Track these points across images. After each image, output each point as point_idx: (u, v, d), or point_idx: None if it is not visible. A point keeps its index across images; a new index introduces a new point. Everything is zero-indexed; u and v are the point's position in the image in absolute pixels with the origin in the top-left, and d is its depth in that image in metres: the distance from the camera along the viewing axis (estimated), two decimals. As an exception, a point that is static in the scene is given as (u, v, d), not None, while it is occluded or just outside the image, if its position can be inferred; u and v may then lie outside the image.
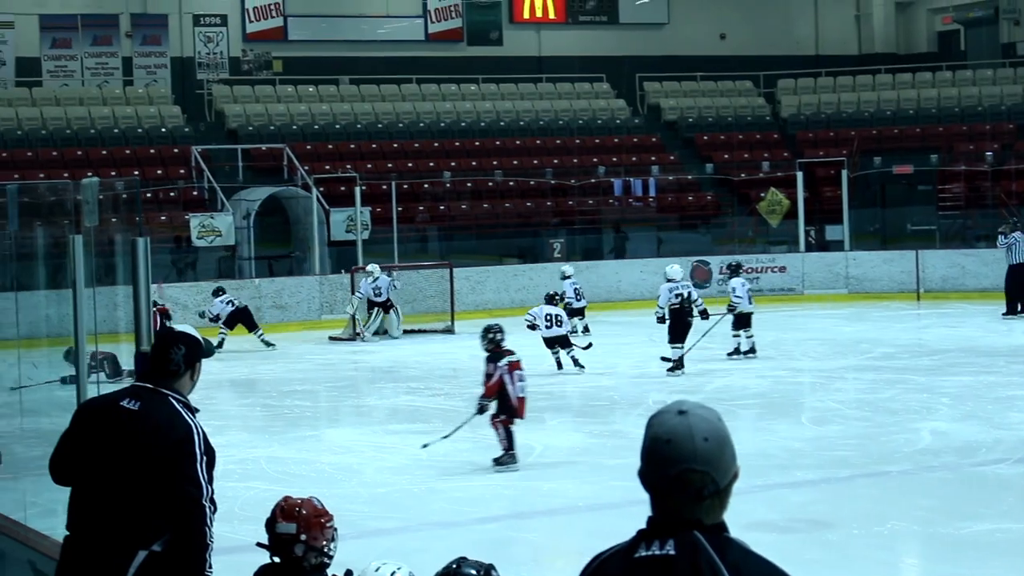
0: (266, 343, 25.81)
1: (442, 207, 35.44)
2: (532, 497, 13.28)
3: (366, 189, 32.07)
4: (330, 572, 6.25)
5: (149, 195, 31.48)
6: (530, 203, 36.21)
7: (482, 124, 39.19)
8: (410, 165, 36.63)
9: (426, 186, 35.78)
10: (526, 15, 42.68)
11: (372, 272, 27.30)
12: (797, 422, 16.98)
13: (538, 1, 42.72)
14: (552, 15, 42.98)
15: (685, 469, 3.34)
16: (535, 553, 11.94)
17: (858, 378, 20.60)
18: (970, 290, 31.22)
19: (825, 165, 36.10)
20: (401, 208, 32.51)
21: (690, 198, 37.62)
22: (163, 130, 36.08)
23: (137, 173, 32.71)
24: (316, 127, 37.72)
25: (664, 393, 19.13)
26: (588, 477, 13.91)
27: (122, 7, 38.24)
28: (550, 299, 22.93)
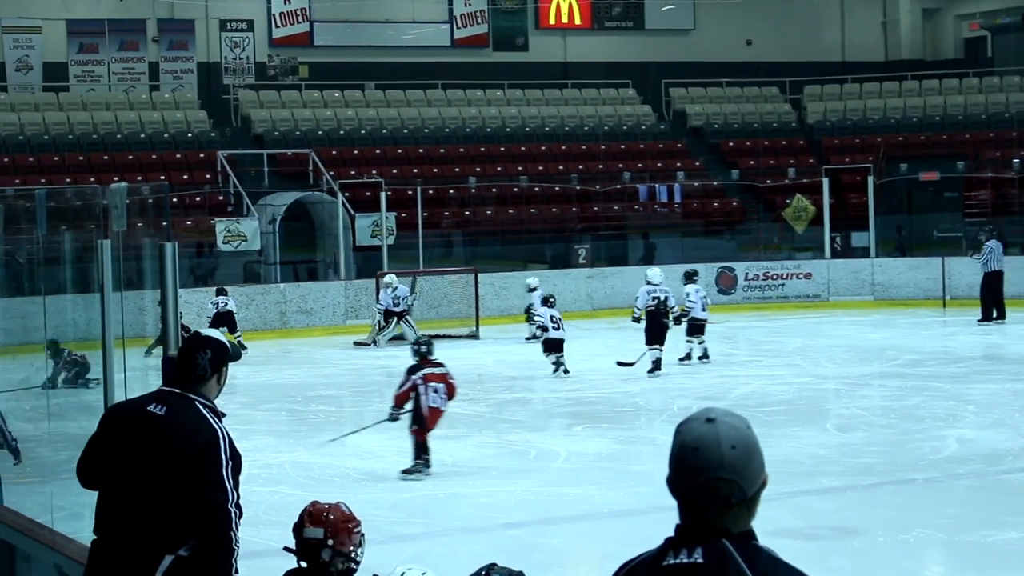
0: (241, 345, 26.00)
1: (467, 212, 35.46)
2: (557, 503, 13.27)
3: (391, 194, 32.10)
4: (356, 577, 6.26)
5: (175, 200, 31.55)
6: (555, 209, 36.21)
7: (508, 129, 39.21)
8: (436, 170, 36.66)
9: (451, 191, 35.79)
10: (552, 21, 42.68)
11: (391, 284, 27.26)
12: (823, 429, 16.93)
13: (564, 7, 42.72)
14: (578, 21, 42.97)
15: (713, 477, 3.33)
16: (560, 559, 11.93)
17: (884, 385, 20.54)
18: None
19: (851, 171, 36.00)
20: (426, 213, 32.55)
21: (715, 204, 37.58)
22: (189, 135, 36.19)
23: (163, 178, 32.82)
24: (342, 132, 37.78)
25: (689, 399, 19.11)
26: (613, 483, 13.89)
27: (149, 12, 38.37)
28: (546, 302, 23.23)
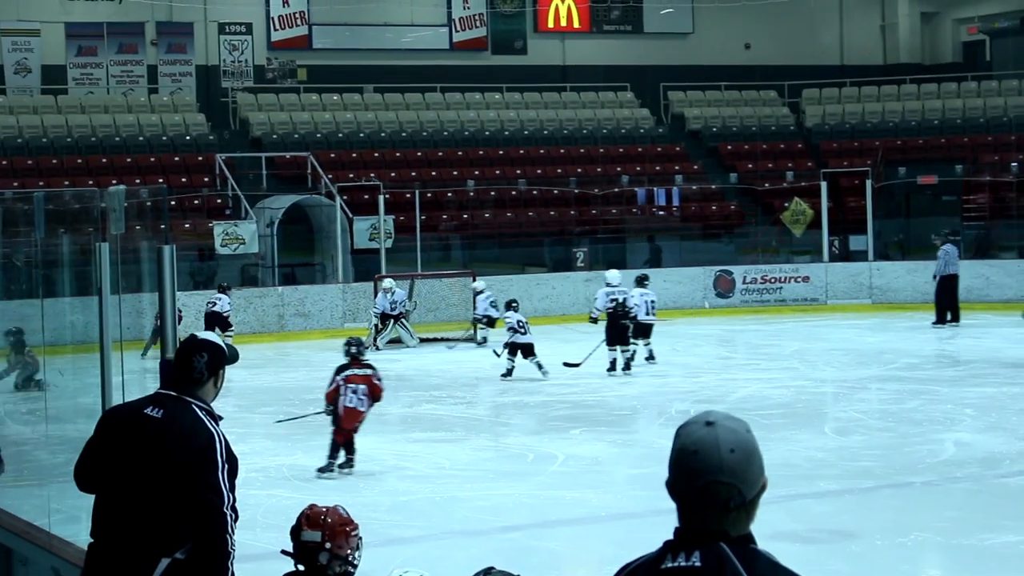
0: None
1: (465, 216, 35.46)
2: (555, 506, 13.26)
3: (389, 197, 32.10)
4: (353, 580, 6.25)
5: (173, 203, 31.55)
6: (553, 212, 36.21)
7: (506, 133, 39.22)
8: (434, 174, 36.67)
9: (449, 195, 35.80)
10: (551, 24, 42.70)
11: (390, 288, 27.26)
12: (820, 432, 16.94)
13: (563, 10, 42.74)
14: (576, 24, 42.99)
15: (711, 480, 3.32)
16: (558, 562, 11.94)
17: (882, 388, 20.55)
18: (994, 301, 31.11)
19: (849, 175, 36.01)
20: (424, 216, 32.55)
21: (713, 207, 37.59)
22: (187, 138, 36.19)
23: (161, 181, 32.81)
24: (340, 135, 37.79)
25: (687, 403, 19.12)
26: (610, 486, 13.90)
27: (147, 15, 38.38)
28: (510, 306, 23.44)
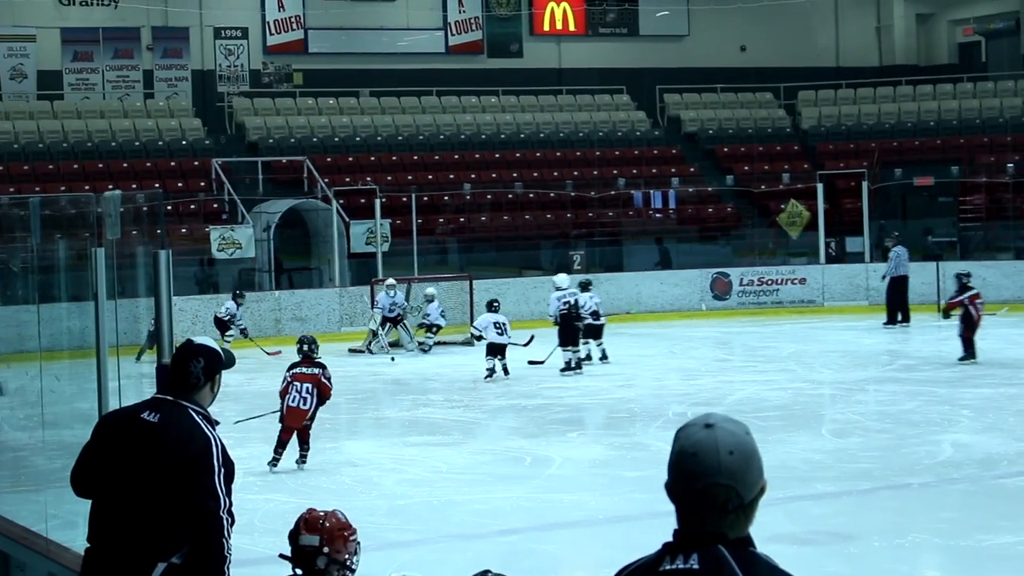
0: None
1: (462, 219, 35.46)
2: (552, 509, 13.26)
3: (386, 201, 32.09)
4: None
5: (169, 208, 31.55)
6: (550, 215, 36.21)
7: (502, 136, 39.22)
8: (430, 177, 36.67)
9: (446, 198, 35.80)
10: (546, 27, 42.71)
11: (394, 285, 27.36)
12: (818, 434, 16.95)
13: (558, 13, 42.75)
14: (572, 27, 43.00)
15: (710, 483, 3.32)
16: (555, 565, 11.94)
17: (879, 390, 20.57)
18: (991, 302, 31.04)
19: (845, 177, 36.03)
20: (421, 220, 32.54)
21: (710, 210, 37.59)
22: (184, 143, 36.18)
23: (158, 186, 32.80)
24: (336, 139, 37.78)
25: (684, 405, 19.13)
26: (608, 489, 13.90)
27: (143, 20, 38.37)
28: (491, 307, 23.84)
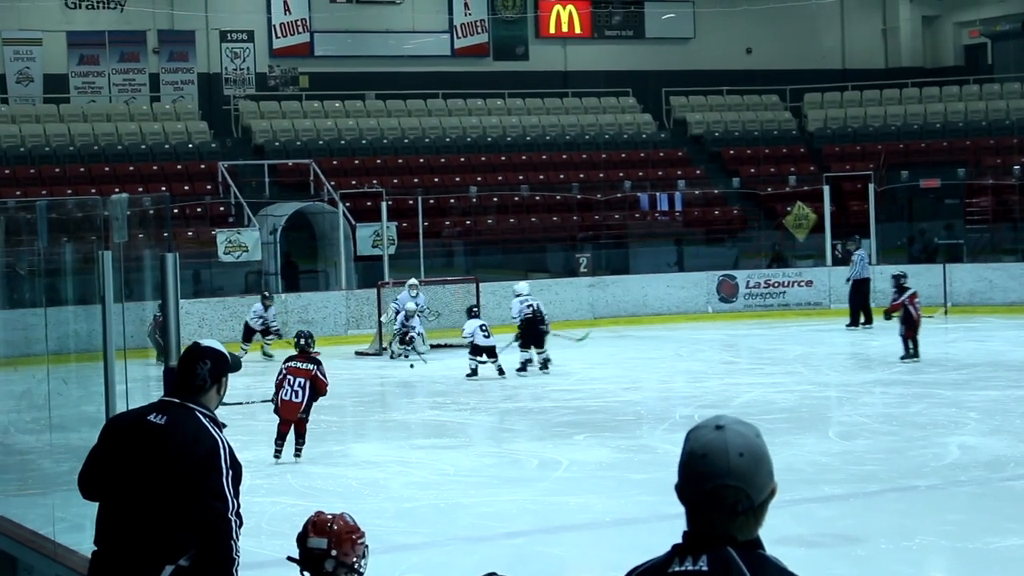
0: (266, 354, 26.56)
1: (468, 222, 35.45)
2: (558, 512, 13.26)
3: (392, 204, 32.11)
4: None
5: (176, 211, 31.56)
6: (556, 218, 36.20)
7: (508, 139, 39.22)
8: (436, 180, 36.66)
9: (452, 201, 35.80)
10: (552, 30, 42.71)
11: (416, 285, 27.29)
12: (824, 436, 16.94)
13: (564, 16, 42.75)
14: (578, 30, 43.00)
15: (719, 484, 3.32)
16: (562, 568, 11.93)
17: (885, 392, 20.54)
18: (998, 304, 31.11)
19: (852, 179, 36.02)
20: (427, 223, 32.54)
21: (716, 212, 37.57)
22: (190, 146, 36.20)
23: (164, 189, 32.81)
24: (342, 142, 37.80)
25: (691, 408, 19.11)
26: (614, 492, 13.88)
27: (149, 24, 38.40)
28: (471, 312, 24.69)
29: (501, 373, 23.10)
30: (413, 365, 25.37)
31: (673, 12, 43.50)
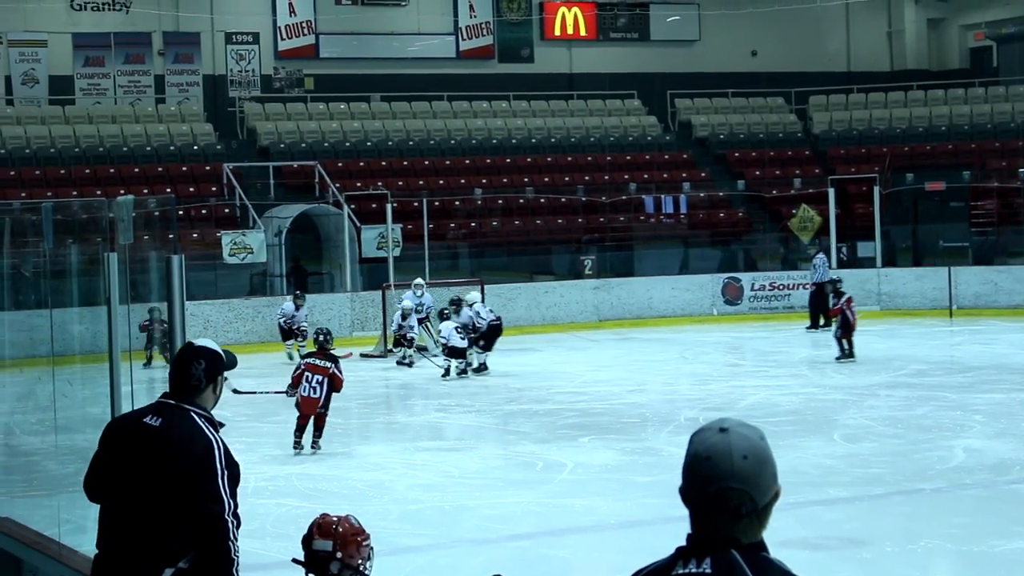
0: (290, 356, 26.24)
1: (473, 224, 35.47)
2: (563, 514, 13.26)
3: (397, 206, 32.10)
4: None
5: (181, 212, 31.56)
6: (561, 220, 36.21)
7: (513, 141, 39.23)
8: (441, 182, 36.67)
9: (457, 203, 35.81)
10: (557, 32, 42.71)
11: (422, 284, 27.32)
12: (830, 439, 16.93)
13: (569, 18, 42.76)
14: (583, 32, 43.00)
15: (723, 487, 3.31)
16: (566, 571, 11.93)
17: (891, 395, 20.52)
18: (1003, 307, 31.08)
19: (857, 182, 36.00)
20: (432, 225, 32.54)
21: (721, 215, 37.57)
22: (195, 147, 36.22)
23: (169, 190, 32.84)
24: (347, 144, 37.81)
25: (696, 410, 19.11)
26: (619, 494, 13.88)
27: (155, 25, 38.43)
28: (443, 315, 24.95)
29: (485, 368, 23.88)
30: (412, 364, 25.44)
31: (678, 14, 43.50)
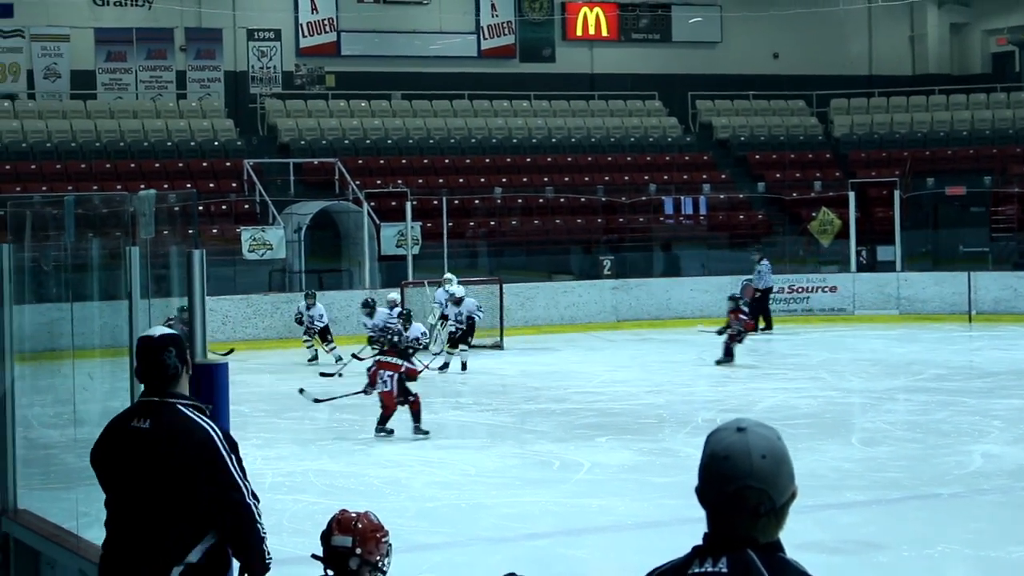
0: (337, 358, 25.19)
1: (493, 223, 35.47)
2: (581, 514, 13.25)
3: (417, 204, 32.12)
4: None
5: (201, 208, 31.61)
6: (581, 220, 36.20)
7: (534, 140, 39.23)
8: (461, 181, 36.69)
9: (477, 202, 35.82)
10: (579, 32, 42.70)
11: (452, 280, 26.66)
12: (847, 443, 16.90)
13: (591, 18, 42.75)
14: (605, 32, 42.99)
15: (742, 486, 3.32)
16: (583, 570, 11.93)
17: (909, 399, 20.49)
18: (1023, 312, 31.00)
19: (877, 185, 35.95)
20: (452, 223, 32.55)
21: (741, 217, 37.54)
22: (216, 143, 36.28)
23: (190, 186, 32.88)
24: (368, 142, 37.84)
25: (713, 411, 19.09)
26: (637, 495, 13.87)
27: (177, 21, 38.50)
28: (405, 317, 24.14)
29: (445, 368, 24.39)
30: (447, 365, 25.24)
31: (700, 16, 43.46)
